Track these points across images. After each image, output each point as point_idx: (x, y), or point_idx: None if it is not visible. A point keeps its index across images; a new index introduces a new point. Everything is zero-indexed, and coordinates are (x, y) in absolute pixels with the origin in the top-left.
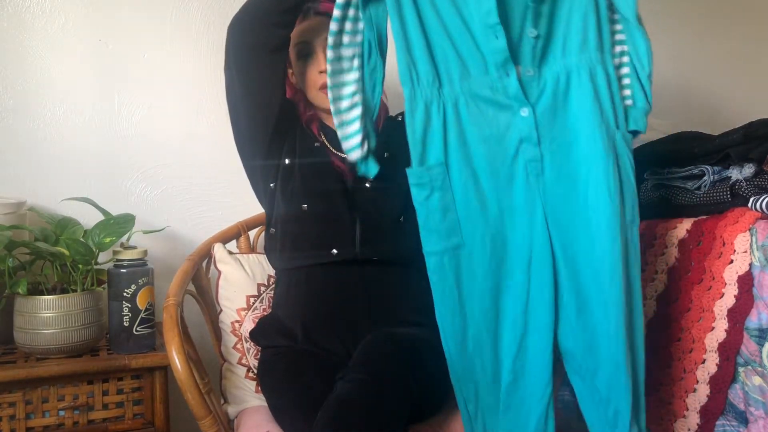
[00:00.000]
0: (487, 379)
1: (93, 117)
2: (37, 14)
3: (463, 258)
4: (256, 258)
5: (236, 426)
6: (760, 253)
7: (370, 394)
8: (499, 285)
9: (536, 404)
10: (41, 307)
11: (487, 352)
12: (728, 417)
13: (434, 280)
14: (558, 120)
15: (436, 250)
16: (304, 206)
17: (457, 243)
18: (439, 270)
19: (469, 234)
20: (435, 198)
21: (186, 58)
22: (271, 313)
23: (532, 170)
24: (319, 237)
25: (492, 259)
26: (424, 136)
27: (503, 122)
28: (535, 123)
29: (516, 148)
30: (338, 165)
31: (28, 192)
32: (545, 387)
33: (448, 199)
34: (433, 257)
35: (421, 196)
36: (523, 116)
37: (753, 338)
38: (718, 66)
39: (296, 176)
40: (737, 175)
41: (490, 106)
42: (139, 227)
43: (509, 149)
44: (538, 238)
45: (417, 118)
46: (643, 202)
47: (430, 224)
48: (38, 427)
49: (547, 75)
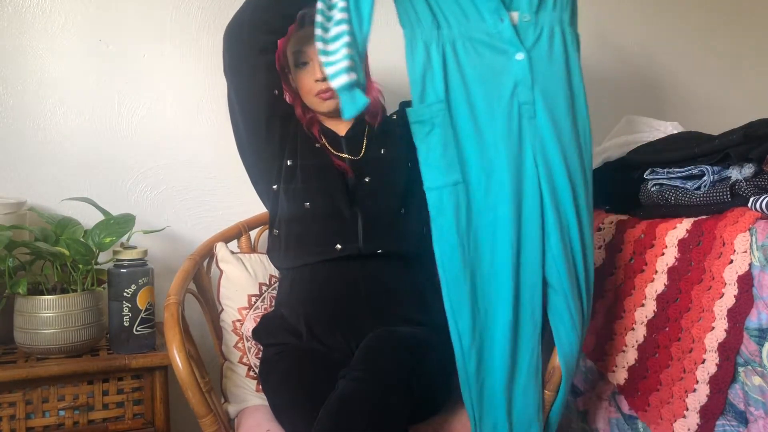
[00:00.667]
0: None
1: (93, 117)
2: (38, 14)
3: (461, 194)
4: (258, 257)
5: (237, 425)
6: (760, 253)
7: (371, 393)
8: (495, 221)
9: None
10: (41, 307)
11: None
12: (728, 417)
13: (434, 215)
14: (554, 66)
15: (436, 185)
16: (307, 205)
17: (455, 179)
18: (438, 205)
19: (467, 170)
20: (435, 134)
21: (186, 58)
22: (275, 311)
23: (525, 113)
24: (322, 234)
25: (487, 196)
26: (424, 74)
27: (499, 65)
28: (530, 67)
29: (511, 90)
30: (339, 164)
31: (28, 192)
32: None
33: (447, 135)
34: (433, 192)
35: (422, 132)
36: (519, 60)
37: (753, 338)
38: (719, 66)
39: (298, 176)
40: (737, 175)
41: (487, 49)
42: (139, 227)
43: (505, 91)
44: (529, 179)
45: (417, 58)
46: (644, 202)
47: (431, 160)
48: (38, 427)
49: (543, 22)
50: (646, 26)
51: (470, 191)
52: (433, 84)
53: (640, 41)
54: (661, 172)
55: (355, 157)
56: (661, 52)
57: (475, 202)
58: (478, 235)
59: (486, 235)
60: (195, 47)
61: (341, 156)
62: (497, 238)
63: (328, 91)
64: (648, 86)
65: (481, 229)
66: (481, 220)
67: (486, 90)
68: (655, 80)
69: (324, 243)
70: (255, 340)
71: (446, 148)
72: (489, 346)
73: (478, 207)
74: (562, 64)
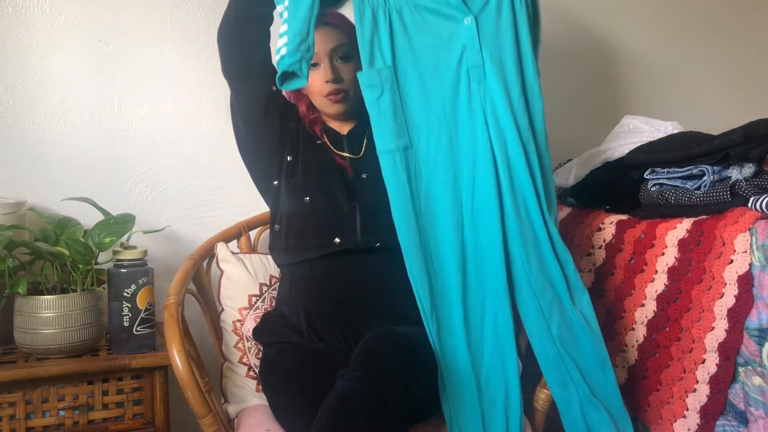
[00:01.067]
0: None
1: (93, 117)
2: (38, 14)
3: (411, 158)
4: (258, 258)
5: (236, 425)
6: (760, 253)
7: (369, 392)
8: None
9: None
10: (41, 307)
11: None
12: (728, 417)
13: (388, 178)
14: (502, 29)
15: (388, 148)
16: (306, 199)
17: (405, 144)
18: (392, 168)
19: (417, 135)
20: (385, 98)
21: (186, 58)
22: (275, 309)
23: (474, 76)
24: (321, 227)
25: (437, 161)
26: (372, 40)
27: (447, 31)
28: (478, 31)
29: (459, 55)
30: (339, 162)
31: (28, 192)
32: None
33: (396, 100)
34: (385, 155)
35: (373, 96)
36: (467, 25)
37: (753, 338)
38: (719, 66)
39: (299, 172)
40: (737, 175)
41: (434, 15)
42: (139, 227)
43: (453, 56)
44: (480, 141)
45: (365, 24)
46: (644, 202)
47: (382, 123)
48: (38, 427)
49: None
50: (647, 26)
51: (420, 156)
52: (381, 50)
53: (640, 41)
54: (661, 172)
55: (356, 156)
56: (662, 52)
57: (425, 165)
58: (430, 198)
59: (437, 199)
60: (195, 47)
61: (342, 155)
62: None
63: (339, 93)
64: (648, 86)
65: (432, 192)
66: (432, 183)
67: (434, 56)
68: (655, 80)
69: (323, 237)
70: (255, 340)
71: (396, 112)
72: (447, 308)
73: (429, 171)
74: (510, 27)
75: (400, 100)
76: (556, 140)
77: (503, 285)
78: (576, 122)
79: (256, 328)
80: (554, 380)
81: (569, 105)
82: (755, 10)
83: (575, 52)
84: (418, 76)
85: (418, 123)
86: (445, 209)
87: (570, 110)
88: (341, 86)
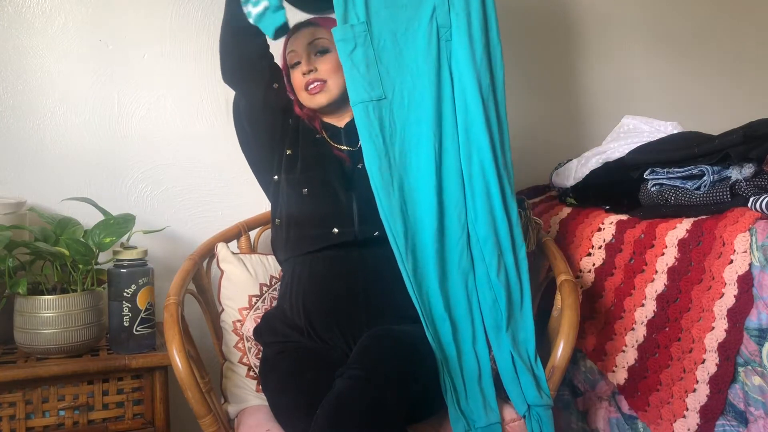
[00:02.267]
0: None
1: (93, 117)
2: (37, 14)
3: (384, 108)
4: (259, 258)
5: (236, 425)
6: (760, 253)
7: (367, 391)
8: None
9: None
10: (41, 307)
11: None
12: (728, 417)
13: (361, 127)
14: None
15: (361, 99)
16: (305, 191)
17: (378, 95)
18: (365, 118)
19: (389, 88)
20: (358, 52)
21: (186, 58)
22: (276, 307)
23: (443, 35)
24: (319, 218)
25: (409, 112)
26: None
27: None
28: None
29: (431, 14)
30: (338, 154)
31: (28, 192)
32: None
33: (369, 54)
34: (359, 106)
35: (347, 50)
36: None
37: (753, 338)
38: (719, 66)
39: (298, 166)
40: (737, 175)
41: None
42: (139, 227)
43: (425, 15)
44: (447, 97)
45: None
46: (644, 202)
47: (355, 75)
48: (38, 427)
49: None
50: (647, 26)
51: (393, 107)
52: (355, 7)
53: (640, 41)
54: (661, 172)
55: (353, 148)
56: (661, 52)
57: (399, 116)
58: (404, 147)
59: (411, 148)
60: (195, 47)
61: (340, 147)
62: (421, 150)
63: (315, 84)
64: (648, 86)
65: (407, 142)
66: (406, 133)
67: (407, 14)
68: (655, 80)
69: (321, 226)
70: (256, 340)
71: (368, 66)
72: (421, 249)
73: (402, 121)
74: None
75: (373, 55)
76: (556, 140)
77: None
78: (576, 122)
79: (256, 328)
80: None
81: (569, 105)
82: (756, 9)
83: (575, 52)
84: (391, 33)
85: (392, 77)
86: (419, 157)
87: (570, 110)
88: (317, 76)
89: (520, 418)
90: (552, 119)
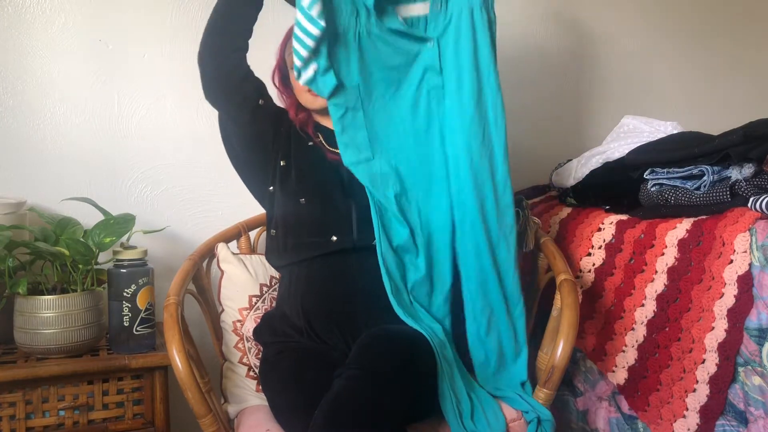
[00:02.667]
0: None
1: (93, 117)
2: (38, 14)
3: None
4: (259, 258)
5: (236, 425)
6: (760, 253)
7: (366, 391)
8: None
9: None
10: (41, 307)
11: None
12: (728, 417)
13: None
14: (461, 51)
15: (350, 161)
16: (302, 200)
17: (367, 157)
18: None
19: (378, 150)
20: (349, 116)
21: (186, 58)
22: (276, 309)
23: (434, 96)
24: (318, 226)
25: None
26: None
27: (413, 52)
28: (439, 54)
29: (421, 76)
30: (333, 159)
31: (28, 192)
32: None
33: (359, 118)
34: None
35: (338, 114)
36: (430, 47)
37: (753, 338)
38: (719, 66)
39: (293, 175)
40: (737, 175)
41: (400, 37)
42: (139, 227)
43: (415, 77)
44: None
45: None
46: (644, 202)
47: (346, 139)
48: (38, 427)
49: (453, 9)
50: (647, 26)
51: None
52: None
53: (640, 41)
54: (661, 172)
55: None
56: (661, 52)
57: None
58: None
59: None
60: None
61: (335, 151)
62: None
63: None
64: (648, 86)
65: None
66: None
67: (398, 76)
68: (655, 80)
69: (319, 235)
70: (256, 340)
71: (358, 129)
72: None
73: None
74: (469, 48)
75: (363, 118)
76: (556, 140)
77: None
78: (576, 122)
79: (256, 328)
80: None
81: (569, 105)
82: (756, 9)
83: (575, 52)
84: (381, 95)
85: (379, 138)
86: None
87: (570, 110)
88: None
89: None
90: (552, 119)
